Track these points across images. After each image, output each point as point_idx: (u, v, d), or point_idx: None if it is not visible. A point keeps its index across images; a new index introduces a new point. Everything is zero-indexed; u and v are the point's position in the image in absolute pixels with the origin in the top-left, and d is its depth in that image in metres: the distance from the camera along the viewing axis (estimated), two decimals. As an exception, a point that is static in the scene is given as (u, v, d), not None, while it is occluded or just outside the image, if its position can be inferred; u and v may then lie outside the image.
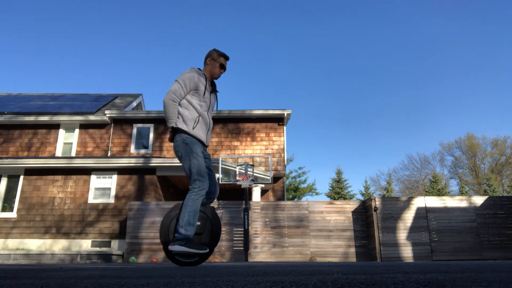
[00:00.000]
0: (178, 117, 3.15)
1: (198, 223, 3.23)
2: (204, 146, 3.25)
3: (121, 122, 14.06)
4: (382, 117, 51.77)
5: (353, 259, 9.88)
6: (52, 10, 51.82)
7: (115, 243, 10.91)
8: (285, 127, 14.15)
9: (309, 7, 53.24)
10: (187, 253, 2.99)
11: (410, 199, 10.17)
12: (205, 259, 3.15)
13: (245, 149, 13.78)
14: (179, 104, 3.17)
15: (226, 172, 11.46)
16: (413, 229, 9.77)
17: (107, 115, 13.67)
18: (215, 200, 11.12)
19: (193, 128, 3.11)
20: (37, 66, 57.49)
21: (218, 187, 3.37)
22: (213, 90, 3.38)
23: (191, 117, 3.13)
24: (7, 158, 12.02)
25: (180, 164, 12.05)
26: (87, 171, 11.65)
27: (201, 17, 55.62)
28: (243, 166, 10.22)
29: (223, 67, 3.39)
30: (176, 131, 3.14)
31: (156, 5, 54.46)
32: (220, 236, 3.35)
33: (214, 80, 3.43)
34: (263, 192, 13.81)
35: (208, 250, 3.04)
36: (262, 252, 9.87)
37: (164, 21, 57.45)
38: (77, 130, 14.00)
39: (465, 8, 46.61)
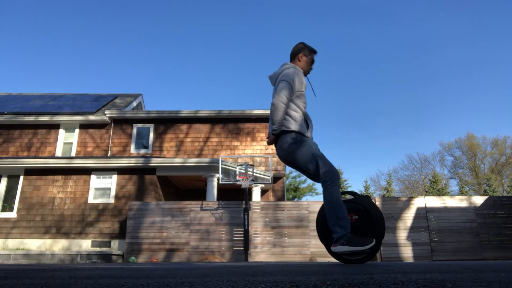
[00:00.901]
0: (287, 120, 2.92)
1: (356, 216, 2.93)
2: None
3: (121, 122, 14.06)
4: (382, 117, 51.80)
5: (353, 259, 9.87)
6: (52, 10, 51.85)
7: (115, 243, 10.91)
8: (285, 127, 14.15)
9: (310, 6, 53.26)
10: (353, 252, 2.73)
11: (410, 199, 10.17)
12: (374, 252, 2.84)
13: (245, 149, 13.79)
14: (288, 106, 2.95)
15: (226, 172, 11.46)
16: (413, 229, 9.77)
17: (107, 115, 13.67)
18: (215, 201, 11.10)
19: (307, 131, 2.95)
20: (37, 66, 57.52)
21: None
22: None
23: (300, 119, 2.94)
24: (7, 158, 12.03)
25: (180, 164, 11.97)
26: (87, 171, 11.65)
27: (200, 17, 55.65)
28: (243, 166, 10.23)
29: (313, 63, 3.14)
30: (283, 133, 2.92)
31: (156, 5, 54.49)
32: (385, 225, 2.96)
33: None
34: (263, 192, 13.81)
35: (374, 241, 2.72)
36: (262, 252, 9.87)
37: (164, 21, 57.48)
38: (77, 130, 14.00)
39: (465, 7, 46.62)
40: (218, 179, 11.50)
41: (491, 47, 46.53)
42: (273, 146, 13.83)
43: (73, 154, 13.65)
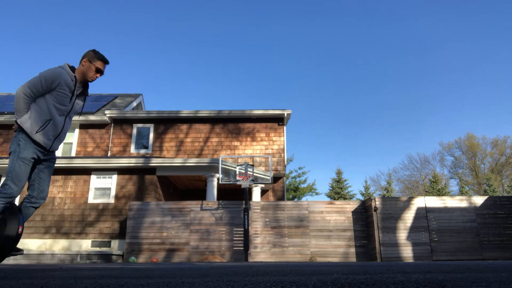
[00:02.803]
0: (27, 114, 2.92)
1: None
2: (46, 150, 3.06)
3: (121, 122, 14.06)
4: (382, 117, 51.79)
5: (353, 259, 9.88)
6: (52, 10, 51.86)
7: (115, 243, 10.91)
8: (285, 127, 14.15)
9: (310, 6, 53.25)
10: None
11: (410, 199, 10.17)
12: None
13: (245, 149, 13.79)
14: (35, 101, 2.94)
15: (226, 172, 11.46)
16: (413, 229, 9.77)
17: (107, 115, 13.67)
18: (215, 201, 11.10)
19: (36, 132, 2.91)
20: (37, 66, 57.51)
21: (46, 195, 3.17)
22: (83, 93, 3.19)
23: (39, 119, 2.92)
24: (7, 158, 12.03)
25: (180, 164, 12.00)
26: (87, 171, 11.65)
27: (200, 16, 55.64)
28: (243, 166, 10.22)
29: (99, 71, 3.15)
30: (19, 127, 2.94)
31: (156, 5, 54.48)
32: (11, 241, 3.04)
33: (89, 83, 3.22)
34: (263, 192, 13.81)
35: None
36: (262, 252, 9.86)
37: (164, 21, 57.47)
38: (77, 130, 14.00)
39: (465, 7, 46.62)
40: (218, 179, 11.50)
41: (491, 47, 46.55)
42: (272, 146, 13.86)
43: (73, 154, 13.65)
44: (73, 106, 3.10)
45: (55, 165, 11.95)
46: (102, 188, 11.56)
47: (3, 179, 11.27)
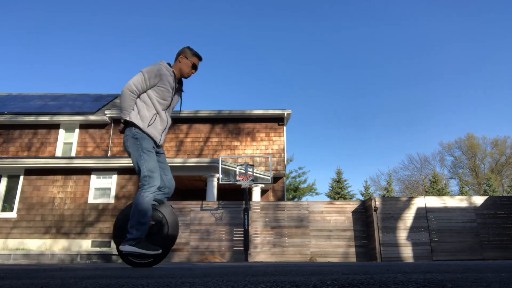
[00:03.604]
0: (134, 110, 2.96)
1: (153, 222, 3.01)
2: (157, 145, 3.09)
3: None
4: (382, 116, 51.80)
5: (353, 259, 9.88)
6: (52, 10, 51.86)
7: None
8: (285, 127, 14.15)
9: (310, 6, 53.25)
10: (138, 254, 2.81)
11: (410, 199, 10.17)
12: (159, 260, 2.99)
13: (245, 149, 13.79)
14: (139, 97, 2.99)
15: (226, 172, 11.46)
16: (413, 229, 9.77)
17: (107, 115, 13.67)
18: (216, 201, 11.10)
19: (148, 126, 2.95)
20: (37, 66, 57.52)
21: (174, 183, 3.19)
22: (179, 89, 3.22)
23: (148, 114, 2.96)
24: (7, 158, 12.03)
25: (180, 164, 11.98)
26: (87, 171, 11.65)
27: (200, 16, 55.65)
28: (243, 166, 10.22)
29: (195, 67, 3.20)
30: (128, 124, 2.97)
31: (156, 4, 54.49)
32: (176, 238, 3.10)
33: (183, 79, 3.26)
34: (263, 192, 13.81)
35: (160, 251, 2.85)
36: (262, 252, 9.87)
37: (164, 20, 57.48)
38: (77, 130, 14.00)
39: (465, 7, 46.62)
40: (218, 179, 11.50)
41: (491, 47, 46.55)
42: (272, 146, 13.87)
43: (73, 154, 13.65)
44: (171, 101, 3.13)
45: (55, 165, 11.95)
46: (102, 188, 11.57)
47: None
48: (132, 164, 12.07)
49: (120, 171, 11.69)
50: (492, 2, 45.29)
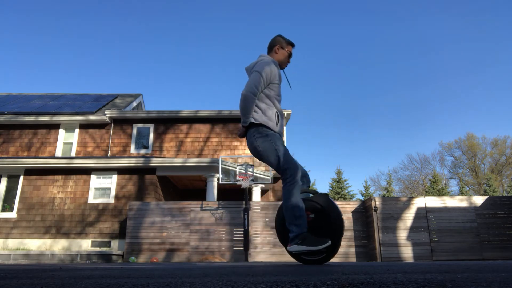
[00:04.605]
0: (256, 112, 2.86)
1: (312, 215, 2.84)
2: None
3: (121, 122, 14.06)
4: (382, 116, 51.79)
5: (353, 259, 9.88)
6: (52, 9, 51.85)
7: (115, 243, 10.91)
8: (285, 127, 14.15)
9: (311, 5, 53.25)
10: (307, 251, 2.65)
11: (410, 199, 10.16)
12: (333, 252, 2.79)
13: (245, 149, 13.79)
14: (258, 98, 2.88)
15: (226, 172, 11.46)
16: (413, 229, 9.76)
17: (107, 115, 13.67)
18: (215, 201, 11.10)
19: (276, 125, 2.87)
20: (37, 66, 57.52)
21: (306, 172, 3.04)
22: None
23: (271, 113, 2.87)
24: (7, 158, 12.03)
25: (180, 164, 11.96)
26: (87, 171, 11.65)
27: (200, 16, 55.64)
28: (243, 166, 10.22)
29: (290, 56, 3.05)
30: (252, 126, 2.86)
31: (156, 4, 54.48)
32: (343, 224, 2.83)
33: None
34: (263, 192, 13.81)
35: (329, 241, 2.64)
36: (262, 252, 9.86)
37: (164, 20, 57.47)
38: (77, 130, 14.00)
39: (465, 7, 46.62)
40: (218, 179, 11.50)
41: (491, 47, 46.55)
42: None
43: (73, 154, 13.65)
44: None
45: (55, 165, 11.91)
46: (102, 188, 11.57)
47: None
48: (132, 164, 12.08)
49: (120, 171, 11.69)
50: (492, 3, 45.30)
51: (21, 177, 11.63)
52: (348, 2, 52.53)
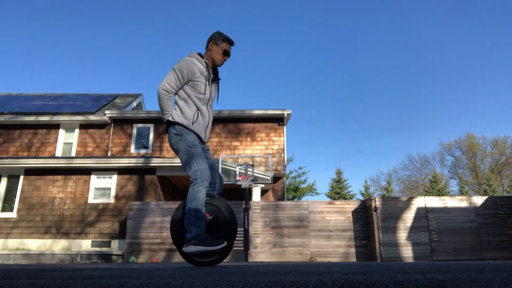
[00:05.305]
0: (176, 110, 2.88)
1: (210, 217, 2.89)
2: (202, 142, 3.00)
3: (121, 122, 14.06)
4: (382, 117, 51.79)
5: (353, 259, 9.88)
6: (52, 9, 51.85)
7: (115, 243, 10.91)
8: (285, 127, 14.15)
9: (311, 7, 53.25)
10: (204, 252, 2.71)
11: (410, 199, 10.16)
12: (226, 254, 2.89)
13: (245, 149, 13.78)
14: (177, 95, 2.89)
15: (226, 172, 11.46)
16: (413, 229, 9.76)
17: (107, 115, 13.67)
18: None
19: (192, 124, 2.87)
20: (37, 66, 57.52)
21: (223, 180, 3.11)
22: (215, 78, 3.05)
23: (189, 111, 2.86)
24: (7, 158, 12.03)
25: (180, 164, 11.95)
26: (87, 171, 11.65)
27: (200, 16, 55.64)
28: (243, 166, 10.22)
29: (227, 54, 3.02)
30: (171, 123, 2.88)
31: (156, 4, 54.48)
32: (236, 229, 2.99)
33: (217, 68, 3.10)
34: (263, 192, 13.81)
35: (225, 243, 2.73)
36: (262, 252, 9.86)
37: (164, 20, 57.46)
38: (77, 130, 14.00)
39: (465, 7, 46.62)
40: (218, 179, 11.48)
41: (491, 47, 46.55)
42: (272, 146, 13.86)
43: (73, 154, 13.65)
44: (210, 93, 2.99)
45: (55, 165, 11.93)
46: (102, 188, 11.57)
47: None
48: (132, 164, 12.08)
49: (120, 171, 11.68)
50: (492, 3, 45.30)
51: (21, 177, 11.63)
52: (348, 2, 52.55)
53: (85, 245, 10.95)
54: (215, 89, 3.07)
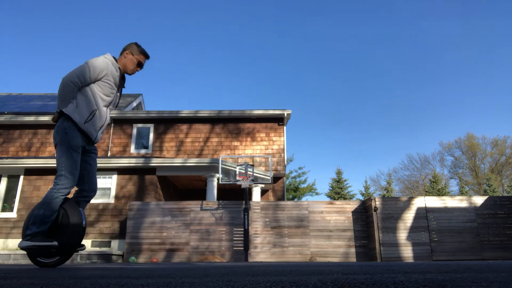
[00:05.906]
0: (72, 103, 2.81)
1: (53, 216, 2.86)
2: (92, 142, 3.00)
3: (121, 122, 14.06)
4: (382, 117, 51.79)
5: (353, 259, 9.88)
6: (52, 9, 51.86)
7: (115, 243, 10.91)
8: (285, 127, 14.15)
9: (311, 6, 53.25)
10: (34, 247, 2.65)
11: (410, 199, 10.16)
12: (66, 258, 2.88)
13: (245, 149, 13.78)
14: (80, 90, 2.84)
15: (226, 172, 11.46)
16: (413, 229, 9.76)
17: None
18: (215, 201, 11.09)
19: (84, 122, 2.82)
20: (37, 66, 57.52)
21: (97, 187, 3.11)
22: (121, 85, 3.11)
23: (86, 109, 2.82)
24: (7, 158, 12.03)
25: (180, 164, 11.98)
26: (87, 171, 11.63)
27: (201, 16, 55.63)
28: (243, 166, 10.22)
29: (140, 65, 3.08)
30: (63, 115, 2.81)
31: (156, 4, 54.48)
32: (82, 230, 2.93)
33: (126, 76, 3.15)
34: (263, 192, 13.81)
35: (55, 243, 2.68)
36: (262, 252, 9.86)
37: (164, 21, 57.47)
38: (77, 130, 13.99)
39: (465, 8, 46.62)
40: (218, 179, 11.49)
41: (490, 47, 46.55)
42: (272, 146, 13.86)
43: (73, 154, 13.63)
44: (114, 97, 3.02)
45: (55, 165, 11.85)
46: (102, 188, 11.56)
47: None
48: (132, 164, 12.07)
49: (120, 171, 11.68)
50: (491, 3, 45.30)
51: (21, 177, 11.63)
52: (348, 2, 52.55)
53: (85, 245, 10.94)
54: (118, 96, 3.12)
